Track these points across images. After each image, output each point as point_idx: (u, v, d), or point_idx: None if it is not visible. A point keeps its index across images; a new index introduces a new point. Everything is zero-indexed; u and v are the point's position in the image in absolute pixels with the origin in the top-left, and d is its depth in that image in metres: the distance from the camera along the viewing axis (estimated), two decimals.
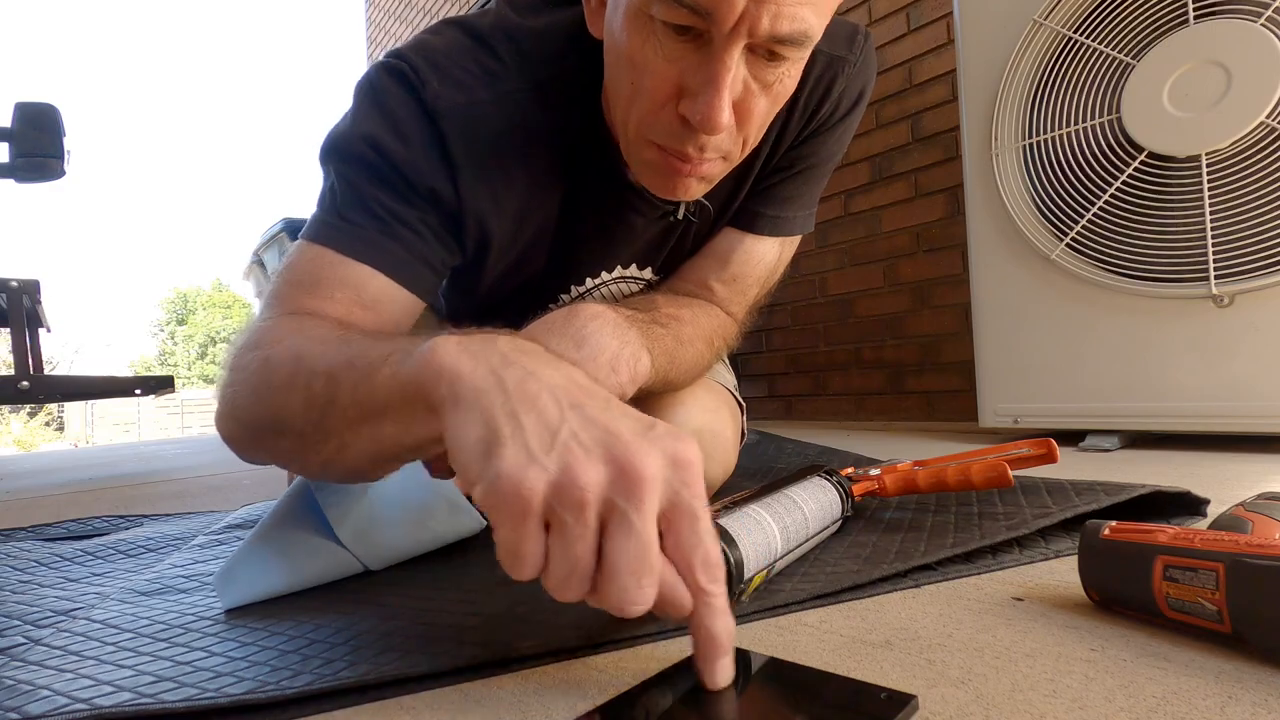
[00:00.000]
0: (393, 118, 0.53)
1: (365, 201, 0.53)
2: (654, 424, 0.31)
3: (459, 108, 0.54)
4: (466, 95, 0.54)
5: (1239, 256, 0.95)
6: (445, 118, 0.53)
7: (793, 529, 0.47)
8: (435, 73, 0.53)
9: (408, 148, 0.53)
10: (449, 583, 0.53)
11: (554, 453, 0.29)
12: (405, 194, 0.54)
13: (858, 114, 0.67)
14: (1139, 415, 1.07)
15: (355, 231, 0.52)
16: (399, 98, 0.53)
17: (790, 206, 0.69)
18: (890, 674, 0.33)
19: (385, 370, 0.35)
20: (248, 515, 0.89)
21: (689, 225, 0.67)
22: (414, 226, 0.54)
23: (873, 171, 1.89)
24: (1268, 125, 0.93)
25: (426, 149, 0.54)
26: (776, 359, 2.18)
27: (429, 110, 0.53)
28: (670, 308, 0.62)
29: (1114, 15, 1.05)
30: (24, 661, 0.43)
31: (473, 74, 0.55)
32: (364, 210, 0.53)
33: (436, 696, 0.35)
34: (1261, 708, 0.28)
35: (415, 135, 0.53)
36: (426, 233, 0.55)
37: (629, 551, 0.28)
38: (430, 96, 0.53)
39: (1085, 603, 0.41)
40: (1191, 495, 0.57)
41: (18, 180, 1.65)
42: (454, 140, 0.54)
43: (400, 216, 0.53)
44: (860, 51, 0.63)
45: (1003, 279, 1.21)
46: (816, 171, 0.69)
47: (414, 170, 0.53)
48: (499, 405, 0.30)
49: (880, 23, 1.87)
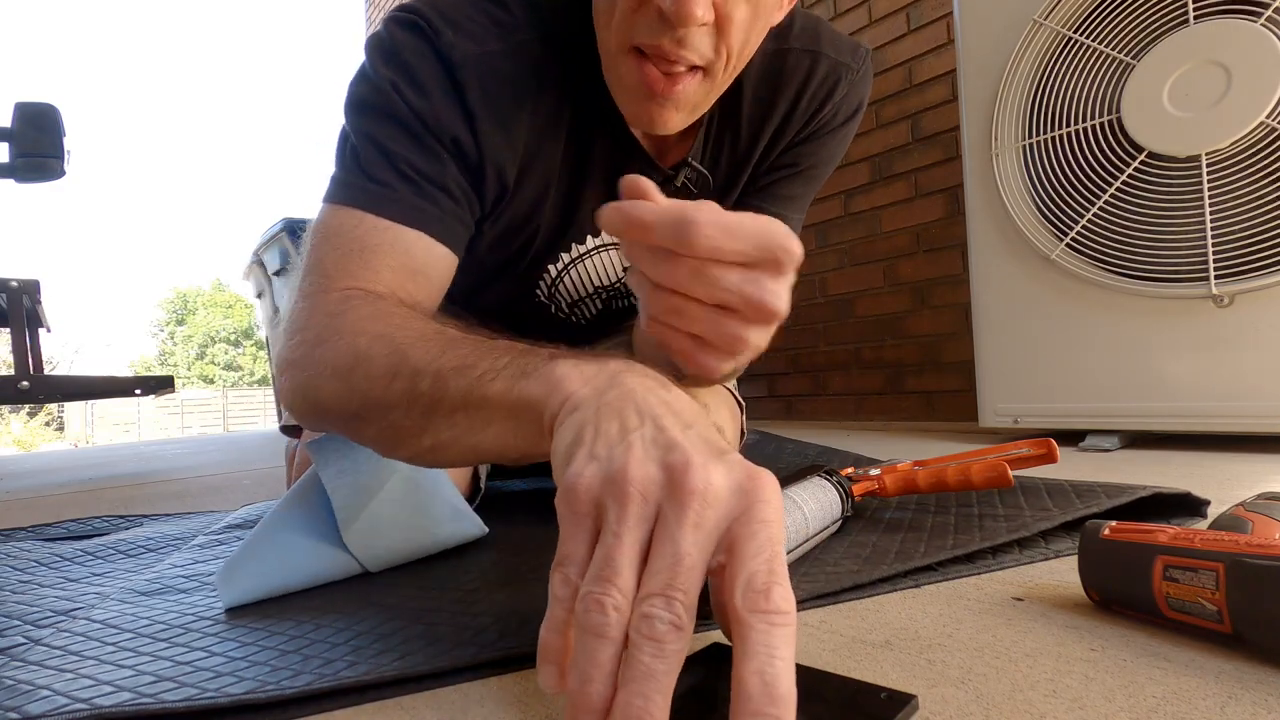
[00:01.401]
0: (408, 68, 0.53)
1: (393, 161, 0.52)
2: (730, 453, 0.29)
3: (473, 57, 0.54)
4: (479, 45, 0.54)
5: (1239, 256, 0.95)
6: (461, 67, 0.53)
7: (793, 529, 0.47)
8: (447, 23, 0.53)
9: (428, 98, 0.53)
10: (449, 583, 0.53)
11: (616, 450, 0.28)
12: (432, 149, 0.54)
13: (855, 124, 0.69)
14: (1139, 415, 1.07)
15: (391, 195, 0.52)
16: (414, 48, 0.53)
17: (789, 207, 0.70)
18: (890, 674, 0.33)
19: (499, 384, 0.36)
20: (248, 515, 0.89)
21: (689, 198, 0.67)
22: (445, 186, 0.54)
23: (873, 171, 1.89)
24: (1268, 125, 0.93)
25: (446, 98, 0.54)
26: (776, 359, 2.18)
27: (445, 60, 0.53)
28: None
29: (1114, 15, 1.05)
30: (24, 661, 0.43)
31: (483, 24, 0.55)
32: (394, 171, 0.52)
33: (436, 696, 0.35)
34: (1261, 708, 0.28)
35: (434, 85, 0.53)
36: (456, 190, 0.55)
37: (663, 557, 0.25)
38: (445, 46, 0.53)
39: (1085, 603, 0.41)
40: (1192, 496, 0.57)
41: (18, 180, 1.65)
42: (471, 89, 0.54)
43: (430, 176, 0.53)
44: (862, 62, 0.66)
45: (1003, 279, 1.21)
46: (815, 174, 0.70)
47: (435, 121, 0.53)
48: (589, 416, 0.31)
49: (880, 23, 1.87)
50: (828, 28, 0.65)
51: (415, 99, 0.53)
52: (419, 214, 0.53)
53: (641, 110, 0.54)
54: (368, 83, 0.54)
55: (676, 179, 0.65)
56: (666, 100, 0.52)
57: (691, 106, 0.54)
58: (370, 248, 0.51)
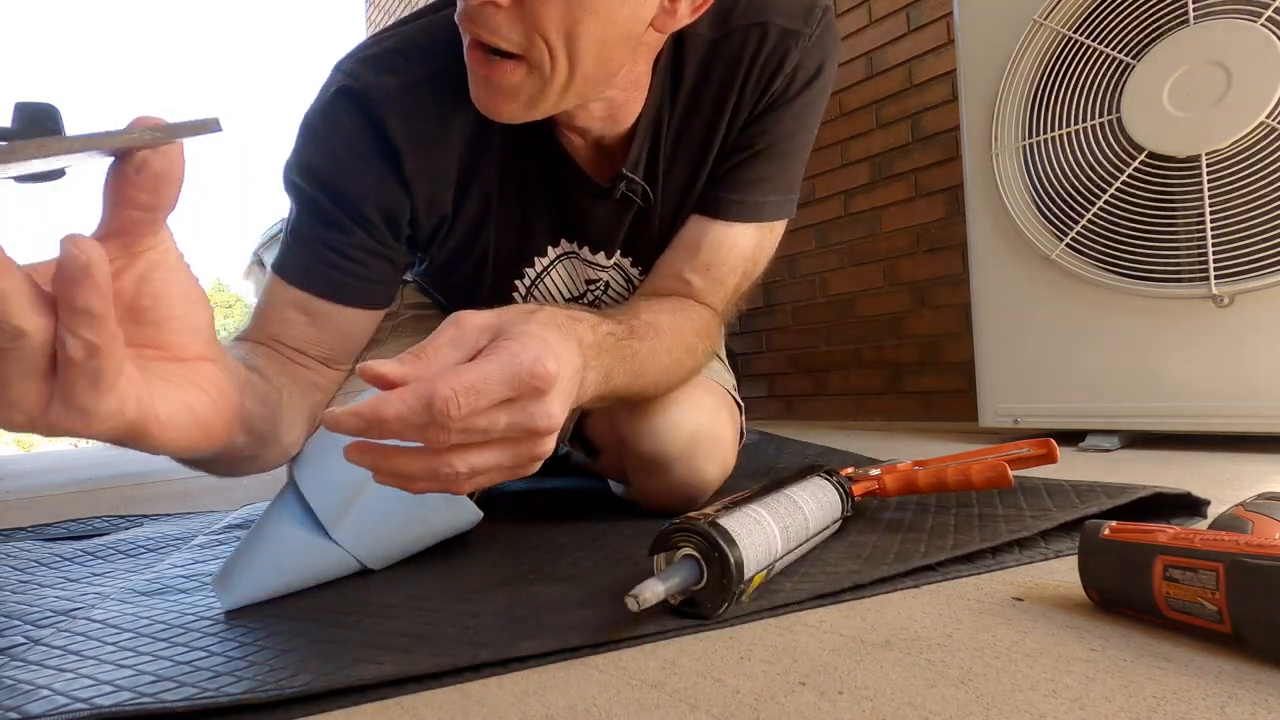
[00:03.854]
0: (319, 139, 0.58)
1: (304, 231, 0.60)
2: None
3: (394, 90, 0.57)
4: (401, 76, 0.58)
5: (1239, 256, 0.95)
6: (381, 104, 0.57)
7: (793, 529, 0.47)
8: (367, 66, 0.58)
9: (338, 163, 0.58)
10: (449, 583, 0.53)
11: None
12: (337, 221, 0.59)
13: (817, 91, 0.65)
14: (1139, 415, 1.07)
15: (297, 262, 0.60)
16: (327, 115, 0.58)
17: (757, 190, 0.67)
18: (890, 674, 0.33)
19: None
20: (248, 515, 0.89)
21: (637, 208, 0.68)
22: (345, 251, 0.60)
23: (873, 171, 1.89)
24: (1268, 125, 0.93)
25: (359, 156, 0.58)
26: (776, 359, 2.18)
27: (365, 102, 0.57)
28: (650, 314, 0.60)
29: (1114, 15, 1.05)
30: (24, 661, 0.43)
31: (407, 57, 0.59)
32: (302, 240, 0.60)
33: (436, 696, 0.35)
34: (1261, 708, 0.28)
35: (345, 147, 0.58)
36: (358, 253, 0.60)
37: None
38: (364, 87, 0.57)
39: (1085, 603, 0.41)
40: (1192, 496, 0.57)
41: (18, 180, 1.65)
42: (392, 123, 0.58)
43: (332, 244, 0.59)
44: (817, 25, 0.62)
45: (1003, 279, 1.21)
46: (778, 150, 0.66)
47: (347, 191, 0.58)
48: None
49: (880, 23, 1.87)
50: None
51: (325, 171, 0.58)
52: (314, 277, 0.59)
53: (477, 97, 0.55)
54: (292, 159, 0.60)
55: (614, 192, 0.65)
56: (490, 85, 0.53)
57: (526, 98, 0.53)
58: (276, 305, 0.60)
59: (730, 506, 0.45)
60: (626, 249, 0.72)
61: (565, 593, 0.48)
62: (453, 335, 0.37)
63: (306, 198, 0.59)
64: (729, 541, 0.40)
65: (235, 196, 67.95)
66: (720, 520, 0.42)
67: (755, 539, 0.43)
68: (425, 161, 0.60)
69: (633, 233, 0.70)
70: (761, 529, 0.44)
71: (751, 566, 0.42)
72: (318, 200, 0.59)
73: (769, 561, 0.44)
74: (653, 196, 0.67)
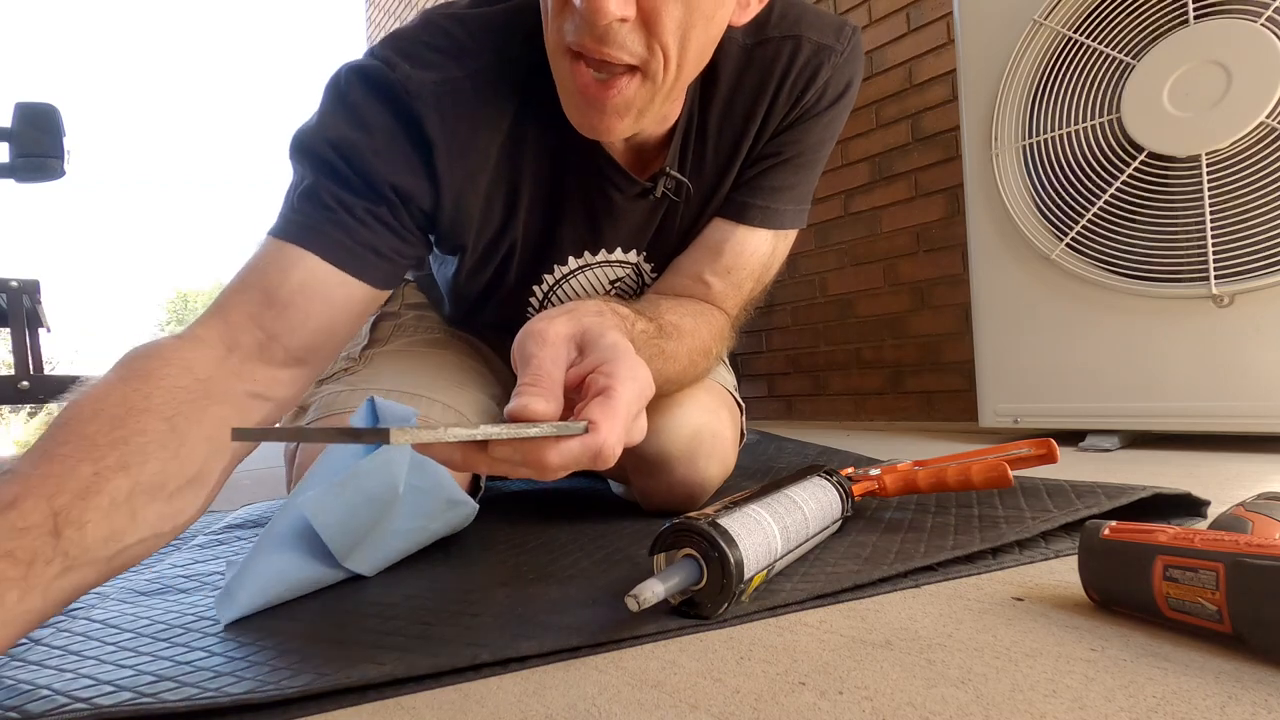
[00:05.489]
0: (355, 111, 0.55)
1: (318, 192, 0.54)
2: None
3: (430, 85, 0.55)
4: (438, 73, 0.55)
5: (1239, 256, 0.95)
6: (419, 98, 0.55)
7: (793, 529, 0.47)
8: (405, 58, 0.55)
9: (370, 139, 0.54)
10: (449, 583, 0.53)
11: None
12: (358, 188, 0.55)
13: (844, 106, 0.66)
14: (1139, 415, 1.07)
15: (304, 220, 0.54)
16: (363, 91, 0.55)
17: (780, 198, 0.68)
18: (890, 674, 0.33)
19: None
20: (248, 515, 0.89)
21: (672, 206, 0.67)
22: (361, 217, 0.55)
23: (873, 171, 1.89)
24: (1268, 125, 0.93)
25: (393, 138, 0.55)
26: (776, 359, 2.18)
27: (401, 94, 0.54)
28: (674, 315, 0.61)
29: (1114, 15, 1.05)
30: (24, 661, 0.43)
31: (442, 54, 0.56)
32: (316, 201, 0.54)
33: (436, 696, 0.35)
34: (1261, 708, 0.28)
35: (380, 125, 0.55)
36: (373, 221, 0.56)
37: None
38: (401, 79, 0.54)
39: (1085, 603, 0.41)
40: (1192, 496, 0.57)
41: (18, 180, 1.64)
42: (429, 118, 0.55)
43: (349, 206, 0.54)
44: (848, 43, 0.63)
45: (1003, 279, 1.21)
46: (804, 161, 0.68)
47: (374, 166, 0.55)
48: None
49: (880, 23, 1.87)
50: (810, 9, 0.63)
51: (357, 140, 0.54)
52: (318, 236, 0.53)
53: (583, 118, 0.54)
54: (316, 128, 0.55)
55: (656, 190, 0.64)
56: (605, 106, 0.52)
57: (636, 111, 0.53)
58: (254, 274, 0.52)
59: (730, 506, 0.45)
60: (651, 247, 0.72)
61: (565, 593, 0.48)
62: (552, 355, 0.39)
63: (325, 164, 0.55)
64: (729, 541, 0.40)
65: (236, 196, 67.99)
66: (720, 520, 0.42)
67: (755, 539, 0.43)
68: (457, 162, 0.58)
69: (656, 233, 0.70)
70: (761, 529, 0.44)
71: (751, 566, 0.42)
72: (337, 167, 0.54)
73: (769, 561, 0.44)
74: (692, 190, 0.67)
